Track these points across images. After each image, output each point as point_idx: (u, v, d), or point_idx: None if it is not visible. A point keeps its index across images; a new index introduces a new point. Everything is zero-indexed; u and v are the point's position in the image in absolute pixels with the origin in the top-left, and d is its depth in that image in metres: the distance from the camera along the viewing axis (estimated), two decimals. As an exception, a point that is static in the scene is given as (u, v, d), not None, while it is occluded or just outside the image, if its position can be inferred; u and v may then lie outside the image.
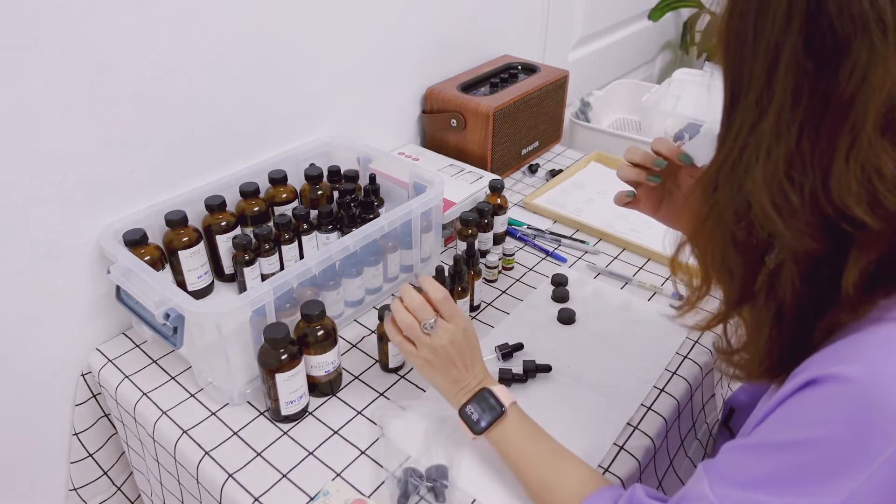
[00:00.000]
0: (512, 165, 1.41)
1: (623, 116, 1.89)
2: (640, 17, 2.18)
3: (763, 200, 0.46)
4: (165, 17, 0.87)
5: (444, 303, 0.75)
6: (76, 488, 1.00)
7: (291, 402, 0.80)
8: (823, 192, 0.44)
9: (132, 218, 0.92)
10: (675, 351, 0.94)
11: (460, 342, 0.74)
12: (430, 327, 0.74)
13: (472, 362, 0.75)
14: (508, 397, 0.73)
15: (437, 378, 0.75)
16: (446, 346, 0.73)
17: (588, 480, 0.66)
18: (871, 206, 0.42)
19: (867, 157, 0.42)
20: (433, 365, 0.74)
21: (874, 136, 0.41)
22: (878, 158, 0.41)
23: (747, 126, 0.46)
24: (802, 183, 0.44)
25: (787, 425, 0.47)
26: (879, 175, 0.41)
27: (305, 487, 0.74)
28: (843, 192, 0.43)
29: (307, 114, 1.14)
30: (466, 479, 0.75)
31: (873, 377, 0.42)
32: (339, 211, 1.02)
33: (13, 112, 0.77)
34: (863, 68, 0.40)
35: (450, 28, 1.38)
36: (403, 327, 0.75)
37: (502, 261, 1.11)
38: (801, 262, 0.48)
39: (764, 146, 0.45)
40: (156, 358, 0.93)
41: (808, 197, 0.44)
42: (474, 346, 0.76)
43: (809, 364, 0.47)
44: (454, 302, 0.76)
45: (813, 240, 0.45)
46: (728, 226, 0.50)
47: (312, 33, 1.08)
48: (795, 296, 0.49)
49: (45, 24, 0.76)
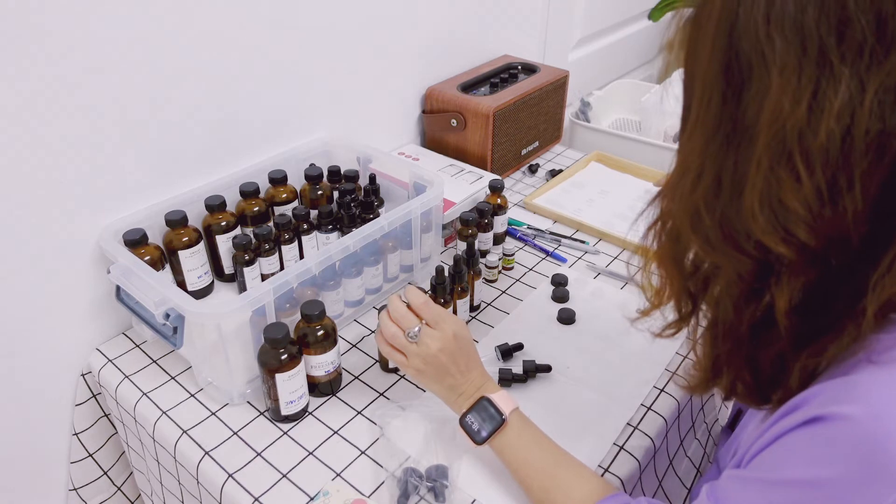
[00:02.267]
0: (512, 165, 1.41)
1: (623, 116, 1.89)
2: (640, 17, 2.18)
3: (682, 219, 0.47)
4: (166, 17, 0.87)
5: (424, 308, 0.74)
6: (76, 488, 1.00)
7: (291, 402, 0.80)
8: (737, 219, 0.44)
9: (132, 218, 0.92)
10: (675, 351, 0.94)
11: (451, 348, 0.73)
12: (415, 335, 0.73)
13: (468, 367, 0.74)
14: (509, 404, 0.72)
15: (433, 386, 0.75)
16: (436, 354, 0.72)
17: (592, 490, 0.66)
18: (785, 239, 0.42)
19: (769, 189, 0.42)
20: (425, 374, 0.74)
21: (778, 167, 0.41)
22: (780, 190, 0.41)
23: (683, 145, 0.48)
24: (716, 208, 0.45)
25: (793, 462, 0.46)
26: (784, 207, 0.42)
27: (305, 487, 0.74)
28: (750, 221, 0.43)
29: (307, 114, 1.14)
30: (466, 479, 0.75)
31: (879, 420, 0.41)
32: (339, 211, 1.02)
33: (13, 112, 0.77)
34: (759, 99, 0.41)
35: (450, 28, 1.38)
36: (388, 337, 0.75)
37: (502, 261, 1.11)
38: (732, 284, 0.48)
39: (693, 167, 0.46)
40: (156, 358, 0.93)
41: (721, 222, 0.45)
42: (468, 351, 0.75)
43: (807, 398, 0.46)
44: (439, 307, 0.75)
45: (733, 263, 0.46)
46: (665, 238, 0.52)
47: (312, 33, 1.08)
48: (730, 314, 0.49)
49: (45, 23, 0.76)
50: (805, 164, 0.40)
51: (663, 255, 0.53)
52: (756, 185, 0.42)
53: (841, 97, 0.38)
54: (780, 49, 0.40)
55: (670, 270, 0.53)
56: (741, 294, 0.48)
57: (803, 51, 0.39)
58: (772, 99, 0.40)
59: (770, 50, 0.40)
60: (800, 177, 0.40)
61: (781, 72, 0.40)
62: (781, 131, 0.40)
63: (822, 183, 0.40)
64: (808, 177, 0.40)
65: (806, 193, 0.41)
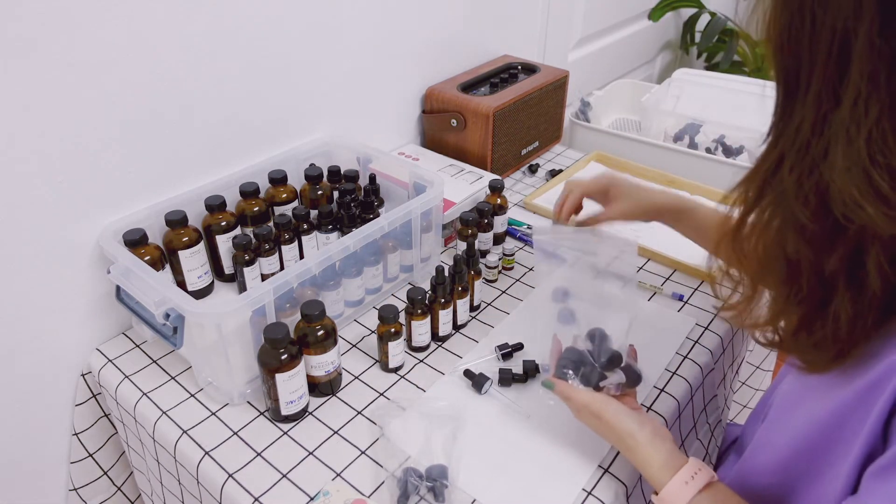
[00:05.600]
0: (512, 165, 1.41)
1: (623, 116, 1.89)
2: (640, 17, 2.18)
3: (846, 187, 0.44)
4: (166, 17, 0.87)
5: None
6: (76, 488, 1.00)
7: (291, 402, 0.80)
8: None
9: (132, 218, 0.92)
10: (675, 351, 0.94)
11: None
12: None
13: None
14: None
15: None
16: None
17: None
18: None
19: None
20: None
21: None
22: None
23: (811, 116, 0.45)
24: (889, 165, 0.43)
25: None
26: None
27: (305, 487, 0.74)
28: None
29: (307, 114, 1.14)
30: (466, 479, 0.75)
31: None
32: (339, 211, 1.02)
33: (12, 112, 0.77)
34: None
35: (450, 28, 1.38)
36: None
37: (502, 261, 1.11)
38: (888, 246, 0.46)
39: (843, 134, 0.44)
40: (156, 358, 0.93)
41: (890, 174, 0.43)
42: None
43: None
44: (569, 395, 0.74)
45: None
46: (791, 217, 0.49)
47: (312, 33, 1.08)
48: (884, 280, 0.47)
49: (46, 23, 0.76)
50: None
51: (786, 233, 0.50)
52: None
53: None
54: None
55: (799, 248, 0.50)
56: (893, 255, 0.46)
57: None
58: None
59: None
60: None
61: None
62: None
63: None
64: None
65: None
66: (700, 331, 0.98)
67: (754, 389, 1.26)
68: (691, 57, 2.50)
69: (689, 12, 2.33)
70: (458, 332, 0.98)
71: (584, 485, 0.75)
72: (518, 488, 0.74)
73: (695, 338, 0.97)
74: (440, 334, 0.95)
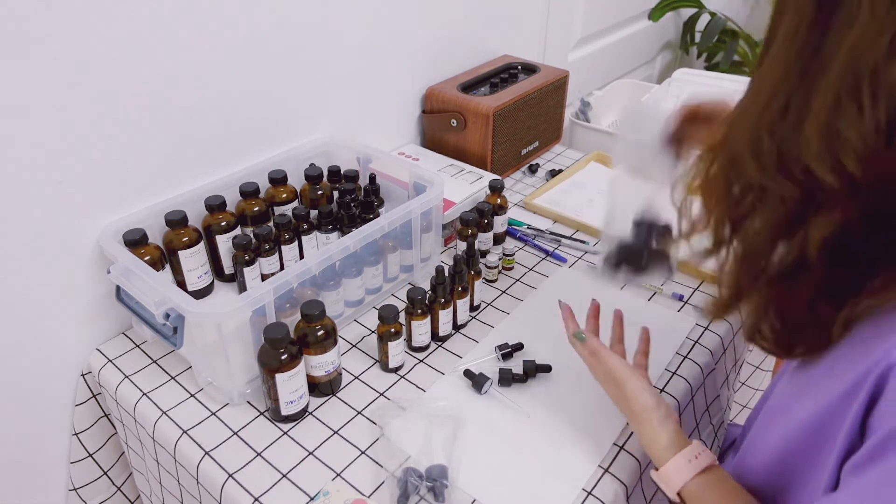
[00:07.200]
0: (512, 165, 1.41)
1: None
2: (640, 17, 2.18)
3: (743, 143, 0.48)
4: (166, 17, 0.87)
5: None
6: (76, 488, 1.00)
7: (291, 402, 0.80)
8: (793, 145, 0.45)
9: (132, 218, 0.92)
10: (675, 351, 0.94)
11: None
12: None
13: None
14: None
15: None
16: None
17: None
18: (833, 167, 0.43)
19: (830, 118, 0.42)
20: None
21: (844, 97, 0.42)
22: (839, 119, 0.42)
23: (762, 74, 0.48)
24: (776, 133, 0.46)
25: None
26: (839, 136, 0.42)
27: (305, 487, 0.74)
28: (804, 147, 0.44)
29: (307, 114, 1.14)
30: (466, 479, 0.75)
31: None
32: (339, 211, 1.02)
33: (12, 111, 0.77)
34: (845, 27, 0.41)
35: (450, 28, 1.38)
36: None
37: (502, 261, 1.11)
38: (775, 211, 0.48)
39: (765, 93, 0.47)
40: (156, 358, 0.93)
41: (779, 147, 0.46)
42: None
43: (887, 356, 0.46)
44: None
45: (781, 188, 0.46)
46: (719, 165, 0.52)
47: (313, 33, 1.08)
48: (766, 246, 0.50)
49: (45, 23, 0.76)
50: (871, 98, 0.41)
51: (712, 181, 0.53)
52: (820, 113, 0.43)
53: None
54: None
55: (718, 195, 0.53)
56: (780, 223, 0.49)
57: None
58: (856, 28, 0.41)
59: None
60: (862, 108, 0.41)
61: (873, 1, 0.40)
62: (857, 61, 0.41)
63: (882, 118, 0.41)
64: (871, 109, 0.41)
65: (864, 125, 0.41)
66: (700, 331, 0.98)
67: (754, 389, 1.26)
68: (691, 57, 2.50)
69: (689, 12, 2.33)
70: (458, 332, 0.98)
71: (584, 485, 0.75)
72: (518, 488, 0.74)
73: (695, 338, 0.97)
74: (440, 334, 0.95)
